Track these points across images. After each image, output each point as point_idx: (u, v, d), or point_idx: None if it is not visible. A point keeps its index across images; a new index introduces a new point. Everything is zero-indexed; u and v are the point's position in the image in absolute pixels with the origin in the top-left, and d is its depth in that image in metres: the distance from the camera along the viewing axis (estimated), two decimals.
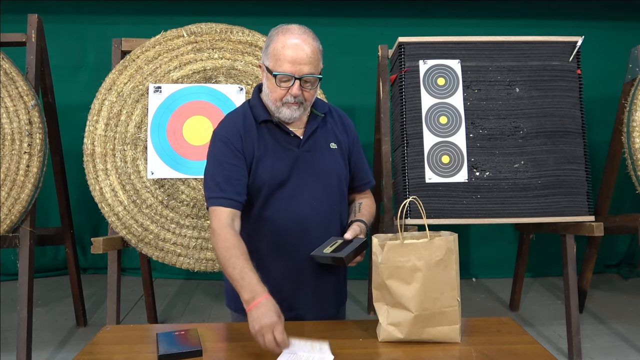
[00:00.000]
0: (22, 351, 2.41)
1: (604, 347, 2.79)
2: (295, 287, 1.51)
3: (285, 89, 1.40)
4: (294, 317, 1.50)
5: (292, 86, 1.39)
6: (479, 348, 1.25)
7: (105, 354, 1.25)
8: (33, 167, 2.43)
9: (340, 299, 1.65)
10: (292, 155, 1.48)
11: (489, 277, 4.13)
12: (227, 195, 1.40)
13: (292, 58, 1.36)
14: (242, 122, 1.49)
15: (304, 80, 1.39)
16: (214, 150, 1.47)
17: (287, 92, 1.40)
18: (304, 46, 1.38)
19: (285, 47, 1.37)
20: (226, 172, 1.42)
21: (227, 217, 1.39)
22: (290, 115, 1.44)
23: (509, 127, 2.52)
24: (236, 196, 1.41)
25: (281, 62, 1.37)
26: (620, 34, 4.01)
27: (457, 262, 1.29)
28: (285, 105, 1.42)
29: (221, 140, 1.45)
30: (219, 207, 1.39)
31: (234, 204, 1.40)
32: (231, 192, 1.40)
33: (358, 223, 1.51)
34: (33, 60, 2.56)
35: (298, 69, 1.37)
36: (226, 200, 1.39)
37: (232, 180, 1.41)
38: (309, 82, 1.41)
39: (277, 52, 1.38)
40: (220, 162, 1.43)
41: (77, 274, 3.05)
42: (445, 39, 2.58)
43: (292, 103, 1.42)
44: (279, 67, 1.38)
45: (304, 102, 1.43)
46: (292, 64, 1.37)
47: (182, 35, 2.52)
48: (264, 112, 1.49)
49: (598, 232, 2.42)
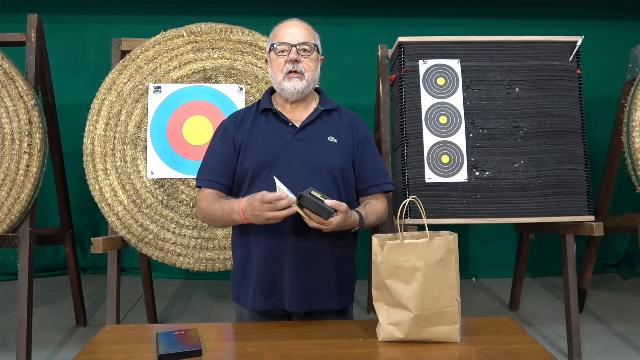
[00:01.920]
0: (22, 351, 2.41)
1: (604, 347, 2.79)
2: (278, 269, 1.50)
3: (285, 58, 1.53)
4: (275, 302, 1.52)
5: (290, 53, 1.53)
6: (479, 348, 1.25)
7: (105, 354, 1.25)
8: (33, 167, 2.43)
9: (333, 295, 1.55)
10: (284, 142, 1.53)
11: (489, 277, 4.13)
12: (212, 178, 1.55)
13: (288, 32, 1.55)
14: (245, 112, 1.64)
15: (302, 49, 1.53)
16: (215, 137, 1.63)
17: (287, 60, 1.53)
18: (299, 24, 1.57)
19: (283, 27, 1.57)
20: (218, 157, 1.57)
21: (210, 193, 1.54)
22: (293, 88, 1.54)
23: (509, 127, 2.52)
24: (221, 179, 1.55)
25: (279, 36, 1.56)
26: (620, 34, 4.01)
27: (457, 262, 1.28)
28: (287, 78, 1.54)
29: (221, 129, 1.62)
30: (204, 189, 1.56)
31: (217, 186, 1.55)
32: (218, 175, 1.55)
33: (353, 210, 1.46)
34: (33, 60, 2.56)
35: (294, 39, 1.54)
36: (211, 183, 1.55)
37: (219, 166, 1.56)
38: (307, 50, 1.55)
39: (275, 32, 1.58)
40: (215, 148, 1.60)
41: (77, 274, 3.05)
42: (445, 39, 2.58)
43: (293, 73, 1.53)
44: (276, 40, 1.56)
45: (304, 72, 1.54)
46: (289, 35, 1.54)
47: (182, 35, 2.52)
48: (268, 102, 1.62)
49: (598, 232, 2.41)
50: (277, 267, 1.50)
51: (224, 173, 1.55)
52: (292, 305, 1.50)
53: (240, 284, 1.58)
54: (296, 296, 1.50)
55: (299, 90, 1.54)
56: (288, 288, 1.50)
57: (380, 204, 1.60)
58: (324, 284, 1.53)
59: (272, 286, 1.51)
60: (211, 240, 2.36)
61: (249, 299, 1.55)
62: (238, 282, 1.59)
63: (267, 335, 1.34)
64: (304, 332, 1.38)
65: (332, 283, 1.55)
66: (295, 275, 1.49)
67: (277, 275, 1.51)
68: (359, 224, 1.47)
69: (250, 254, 1.54)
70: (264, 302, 1.52)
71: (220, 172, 1.55)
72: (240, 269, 1.58)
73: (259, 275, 1.51)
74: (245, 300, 1.56)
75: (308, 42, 1.54)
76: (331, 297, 1.55)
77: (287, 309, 1.51)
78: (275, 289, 1.51)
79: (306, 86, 1.55)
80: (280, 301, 1.52)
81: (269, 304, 1.52)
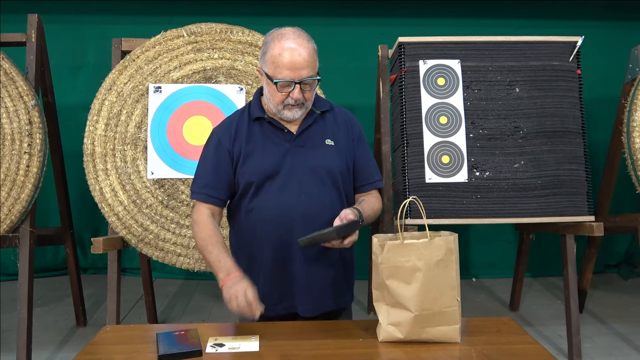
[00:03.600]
0: (22, 351, 2.41)
1: (604, 347, 2.79)
2: (285, 278, 1.52)
3: (286, 93, 1.45)
4: (285, 308, 1.54)
5: (293, 90, 1.44)
6: (479, 348, 1.25)
7: (105, 354, 1.25)
8: (33, 167, 2.43)
9: (340, 295, 1.60)
10: (283, 149, 1.52)
11: (489, 277, 4.13)
12: (208, 192, 1.52)
13: (290, 64, 1.41)
14: (237, 120, 1.57)
15: (303, 83, 1.45)
16: (207, 147, 1.58)
17: (288, 95, 1.45)
18: (300, 50, 1.42)
19: (283, 53, 1.42)
20: (213, 169, 1.53)
21: (207, 211, 1.52)
22: (292, 116, 1.50)
23: (509, 127, 2.52)
24: (216, 194, 1.52)
25: (280, 69, 1.42)
26: (620, 34, 4.01)
27: (457, 262, 1.29)
28: (287, 108, 1.48)
29: (214, 140, 1.56)
30: (200, 202, 1.53)
31: (214, 201, 1.53)
32: (213, 189, 1.52)
33: (350, 208, 1.47)
34: (33, 60, 2.56)
35: (297, 74, 1.43)
36: (207, 197, 1.52)
37: (216, 179, 1.52)
38: (308, 84, 1.47)
39: (275, 59, 1.43)
40: (209, 160, 1.55)
41: (77, 274, 3.05)
42: (445, 39, 2.58)
43: (293, 105, 1.48)
44: (278, 74, 1.43)
45: (304, 102, 1.49)
46: (291, 69, 1.42)
47: (182, 35, 2.52)
48: (259, 110, 1.56)
49: (598, 232, 2.41)
50: (286, 277, 1.52)
51: (220, 187, 1.53)
52: (306, 310, 1.53)
53: None
54: (309, 302, 1.53)
55: (297, 117, 1.53)
56: (300, 294, 1.52)
57: (375, 199, 1.62)
58: (332, 285, 1.56)
59: (281, 294, 1.53)
60: None
61: None
62: None
63: (267, 335, 1.34)
64: (303, 332, 1.38)
65: (339, 282, 1.59)
66: (306, 282, 1.51)
67: (285, 283, 1.52)
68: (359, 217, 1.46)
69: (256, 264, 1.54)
70: (274, 309, 1.52)
71: (216, 186, 1.52)
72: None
73: (267, 285, 1.51)
74: None
75: (311, 77, 1.45)
76: (339, 297, 1.60)
77: (301, 314, 1.53)
78: (285, 296, 1.53)
79: (305, 111, 1.53)
80: (291, 306, 1.54)
81: (280, 308, 1.54)
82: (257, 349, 1.25)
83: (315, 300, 1.54)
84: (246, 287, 1.30)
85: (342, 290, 1.61)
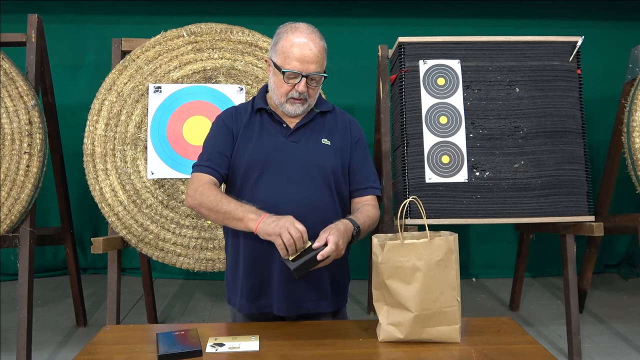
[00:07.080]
0: (22, 351, 2.41)
1: (604, 347, 2.79)
2: (266, 271, 1.49)
3: (292, 85, 1.47)
4: (263, 305, 1.51)
5: (299, 83, 1.46)
6: (479, 348, 1.25)
7: (105, 354, 1.25)
8: (33, 167, 2.43)
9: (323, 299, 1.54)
10: (277, 142, 1.52)
11: (489, 277, 4.13)
12: (210, 165, 1.51)
13: (300, 56, 1.44)
14: (242, 108, 1.61)
15: (310, 78, 1.47)
16: (212, 128, 1.60)
17: (293, 88, 1.47)
18: (311, 45, 1.45)
19: (294, 46, 1.45)
20: (215, 146, 1.53)
21: (208, 179, 1.49)
22: (293, 111, 1.52)
23: (509, 127, 2.52)
24: (219, 168, 1.51)
25: (290, 59, 1.45)
26: (620, 34, 4.01)
27: (457, 262, 1.29)
28: (289, 102, 1.50)
29: (217, 121, 1.59)
30: (200, 173, 1.51)
31: (214, 173, 1.50)
32: (216, 164, 1.51)
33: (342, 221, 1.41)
34: (33, 60, 2.56)
35: (305, 67, 1.45)
36: (209, 169, 1.50)
37: (217, 154, 1.52)
38: (315, 79, 1.49)
39: (286, 50, 1.45)
40: (213, 137, 1.56)
41: (77, 274, 3.05)
42: (445, 39, 2.58)
43: (296, 99, 1.49)
44: (287, 65, 1.45)
45: (307, 98, 1.51)
46: (300, 62, 1.44)
47: (182, 35, 2.52)
48: (263, 102, 1.58)
49: (598, 232, 2.41)
50: (266, 271, 1.49)
51: (222, 162, 1.52)
52: (280, 309, 1.50)
53: (232, 285, 1.58)
54: (284, 300, 1.49)
55: (299, 113, 1.53)
56: (276, 292, 1.49)
57: (371, 208, 1.56)
58: (314, 288, 1.51)
59: (260, 289, 1.51)
60: (211, 240, 2.36)
61: (237, 301, 1.55)
62: (230, 283, 1.59)
63: (267, 335, 1.34)
64: (303, 332, 1.38)
65: (323, 286, 1.53)
66: (284, 280, 1.47)
67: (265, 278, 1.50)
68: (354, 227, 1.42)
69: (240, 256, 1.53)
70: (251, 306, 1.52)
71: (218, 161, 1.52)
72: (231, 269, 1.58)
73: (246, 277, 1.51)
74: (234, 302, 1.57)
75: (319, 73, 1.47)
76: (321, 301, 1.53)
77: (276, 312, 1.50)
78: (263, 292, 1.51)
79: (307, 108, 1.54)
80: (267, 304, 1.51)
81: (256, 307, 1.52)
82: (257, 349, 1.25)
83: (290, 299, 1.48)
84: (293, 219, 1.31)
85: (326, 294, 1.53)
